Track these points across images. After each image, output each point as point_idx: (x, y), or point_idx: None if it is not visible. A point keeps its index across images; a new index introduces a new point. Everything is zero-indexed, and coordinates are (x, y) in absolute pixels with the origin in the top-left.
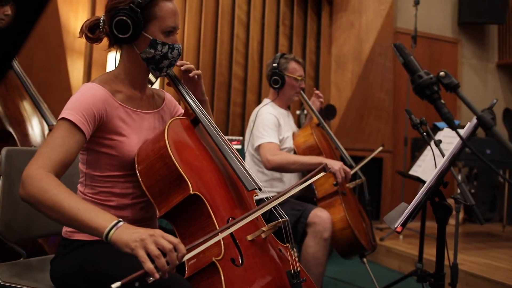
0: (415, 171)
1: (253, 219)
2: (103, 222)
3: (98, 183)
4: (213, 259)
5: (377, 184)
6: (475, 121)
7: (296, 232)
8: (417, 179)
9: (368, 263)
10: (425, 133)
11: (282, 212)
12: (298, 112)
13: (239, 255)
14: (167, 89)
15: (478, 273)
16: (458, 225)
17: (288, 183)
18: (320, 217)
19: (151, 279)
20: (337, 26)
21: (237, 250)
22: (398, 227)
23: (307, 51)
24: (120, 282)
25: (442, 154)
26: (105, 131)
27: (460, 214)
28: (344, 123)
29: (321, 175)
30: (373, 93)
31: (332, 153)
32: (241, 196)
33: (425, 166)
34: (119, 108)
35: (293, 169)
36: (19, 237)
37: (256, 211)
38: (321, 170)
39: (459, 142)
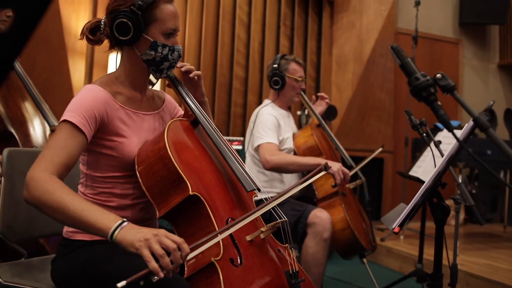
0: (415, 171)
1: (253, 220)
2: (107, 222)
3: (99, 184)
4: (212, 259)
5: (377, 184)
6: (472, 122)
7: (296, 233)
8: (417, 180)
9: (368, 264)
10: (424, 134)
11: (281, 213)
12: (299, 113)
13: (238, 256)
14: (167, 91)
15: (479, 273)
16: (458, 225)
17: (288, 183)
18: (320, 217)
19: (155, 278)
20: (338, 27)
21: (236, 250)
22: (395, 227)
23: (308, 52)
24: (125, 281)
25: (441, 155)
26: (106, 133)
27: (461, 215)
28: (345, 124)
29: (322, 174)
30: (374, 94)
31: (332, 153)
32: (240, 197)
33: (425, 167)
34: (119, 109)
35: (292, 170)
36: (20, 237)
37: (255, 212)
38: (321, 169)
39: (456, 143)
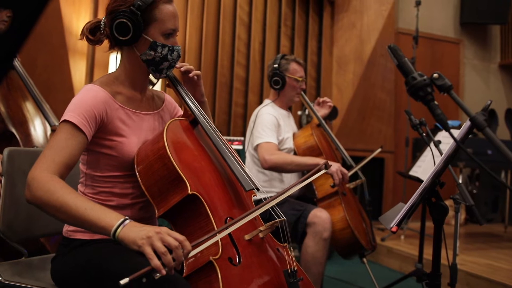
0: (415, 171)
1: (252, 219)
2: (110, 220)
3: (98, 183)
4: (210, 258)
5: (378, 184)
6: (469, 122)
7: (296, 232)
8: (417, 180)
9: (369, 264)
10: (424, 134)
11: (280, 212)
12: (299, 113)
13: (236, 255)
14: (167, 91)
15: (479, 273)
16: (458, 225)
17: (288, 183)
18: (319, 217)
19: (158, 275)
20: (338, 27)
21: (234, 249)
22: (393, 227)
23: (308, 52)
24: (128, 279)
25: (441, 154)
26: (106, 132)
27: (462, 215)
28: (346, 124)
29: (322, 173)
30: (374, 94)
31: (332, 153)
32: (239, 196)
33: (425, 167)
34: (119, 109)
35: (290, 170)
36: (21, 236)
37: (254, 211)
38: (321, 168)
39: (454, 142)
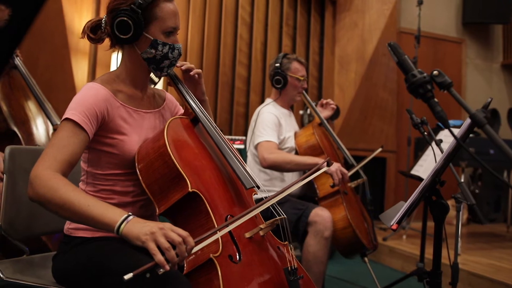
0: (416, 170)
1: (252, 217)
2: (113, 216)
3: (100, 181)
4: (210, 255)
5: (380, 184)
6: (469, 120)
7: (297, 231)
8: (418, 179)
9: (371, 263)
10: (426, 133)
11: (280, 210)
12: (301, 112)
13: (236, 252)
14: (169, 90)
15: (481, 273)
16: (459, 224)
17: (289, 182)
18: (321, 216)
19: (161, 270)
20: (340, 26)
21: (235, 247)
22: (393, 224)
23: (310, 52)
24: (132, 274)
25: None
26: (107, 130)
27: (464, 215)
28: (348, 123)
29: (323, 170)
30: (376, 93)
31: (334, 153)
32: (240, 194)
33: (426, 166)
34: (120, 107)
35: (289, 169)
36: (22, 234)
37: (255, 209)
38: (320, 168)
39: (454, 140)
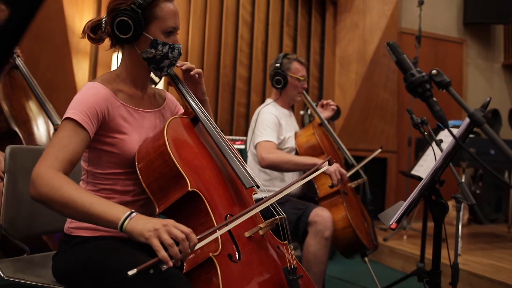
0: (417, 170)
1: (252, 216)
2: (116, 213)
3: (100, 180)
4: (210, 254)
5: (381, 184)
6: (468, 119)
7: (298, 231)
8: (419, 179)
9: (371, 263)
10: (426, 133)
11: (280, 210)
12: (301, 112)
13: (236, 251)
14: (170, 90)
15: (482, 273)
16: (460, 224)
17: (289, 182)
18: (321, 216)
19: (164, 266)
20: (341, 27)
21: (234, 246)
22: (392, 224)
23: (311, 52)
24: (136, 269)
25: None
26: (107, 130)
27: (465, 215)
28: (348, 124)
29: (324, 169)
30: (377, 94)
31: (334, 153)
32: (239, 194)
33: (426, 166)
34: (120, 107)
35: (287, 169)
36: (23, 233)
37: (254, 208)
38: (324, 164)
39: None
